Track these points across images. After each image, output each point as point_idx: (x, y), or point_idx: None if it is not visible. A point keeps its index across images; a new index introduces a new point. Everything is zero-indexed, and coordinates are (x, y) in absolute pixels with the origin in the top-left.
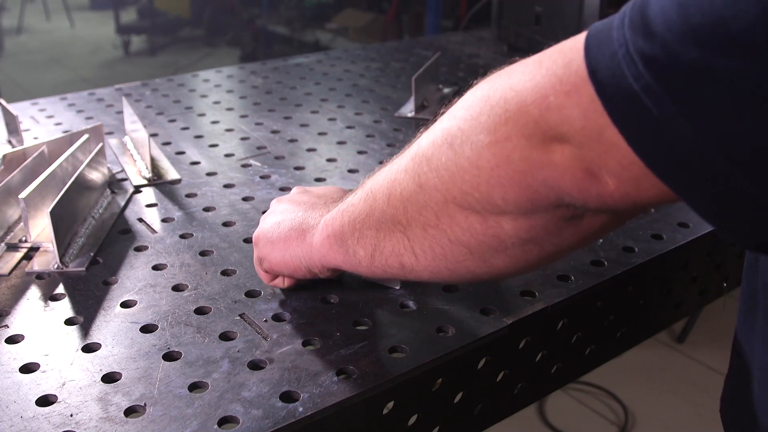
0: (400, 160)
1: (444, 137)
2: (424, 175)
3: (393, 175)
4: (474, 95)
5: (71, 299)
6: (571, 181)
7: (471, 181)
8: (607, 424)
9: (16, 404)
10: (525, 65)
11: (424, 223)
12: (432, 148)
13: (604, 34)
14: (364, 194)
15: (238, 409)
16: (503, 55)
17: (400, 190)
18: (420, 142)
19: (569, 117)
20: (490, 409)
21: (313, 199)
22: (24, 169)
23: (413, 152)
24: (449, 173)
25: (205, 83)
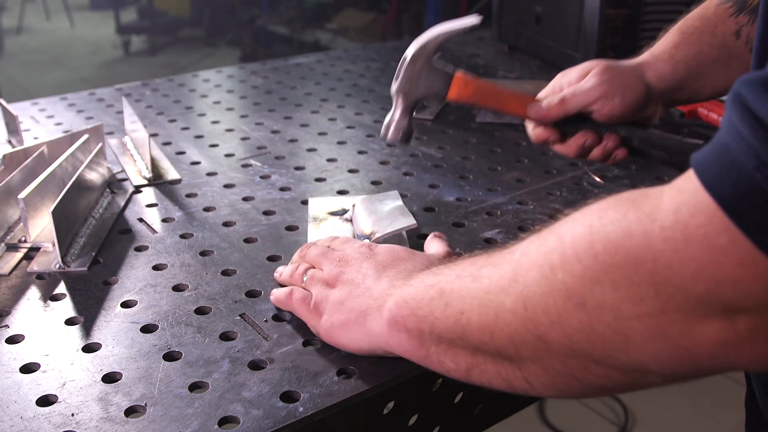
0: (497, 292)
1: (567, 295)
2: (542, 327)
3: (494, 310)
4: (595, 247)
5: (71, 299)
6: (753, 355)
7: (615, 347)
8: (607, 424)
9: (16, 404)
10: (660, 223)
11: (545, 367)
12: (550, 301)
13: (736, 182)
14: (448, 311)
15: (238, 409)
16: (503, 55)
17: (509, 333)
18: (526, 282)
19: (748, 291)
20: (490, 409)
21: (378, 271)
22: (24, 169)
23: (519, 292)
24: (583, 336)
25: (206, 83)
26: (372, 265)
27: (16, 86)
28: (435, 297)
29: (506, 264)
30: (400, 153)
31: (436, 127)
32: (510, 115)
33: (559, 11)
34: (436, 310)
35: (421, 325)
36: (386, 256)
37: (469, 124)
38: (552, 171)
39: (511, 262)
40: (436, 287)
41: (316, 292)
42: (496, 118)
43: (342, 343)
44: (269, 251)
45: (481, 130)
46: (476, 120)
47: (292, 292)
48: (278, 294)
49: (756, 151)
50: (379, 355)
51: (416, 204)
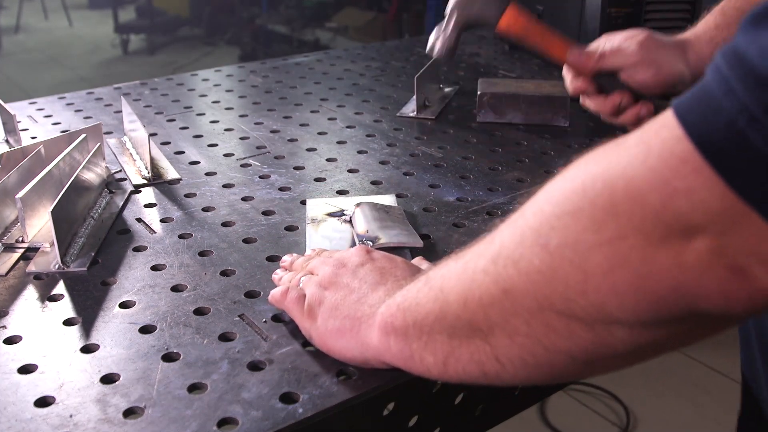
0: (475, 258)
1: (534, 237)
2: (510, 279)
3: (469, 276)
4: (563, 186)
5: (70, 300)
6: (712, 284)
7: (575, 287)
8: (608, 425)
9: (14, 405)
10: (624, 147)
11: (511, 332)
12: (519, 249)
13: (705, 106)
14: (431, 293)
15: (237, 410)
16: (504, 55)
17: (480, 294)
18: (501, 241)
19: (702, 201)
20: (491, 410)
21: (375, 277)
22: (20, 169)
23: (494, 251)
24: (545, 278)
25: (205, 82)
26: (369, 270)
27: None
28: (421, 286)
29: (488, 236)
30: (400, 153)
31: (437, 127)
32: (550, 58)
33: (560, 10)
34: (420, 295)
35: (406, 318)
36: (385, 263)
37: (469, 124)
38: (552, 171)
39: (492, 234)
40: (423, 278)
41: (310, 294)
42: (497, 118)
43: (335, 350)
44: (268, 251)
45: (482, 130)
46: (476, 120)
47: (287, 291)
48: (275, 292)
49: (739, 98)
50: (372, 366)
51: (416, 204)
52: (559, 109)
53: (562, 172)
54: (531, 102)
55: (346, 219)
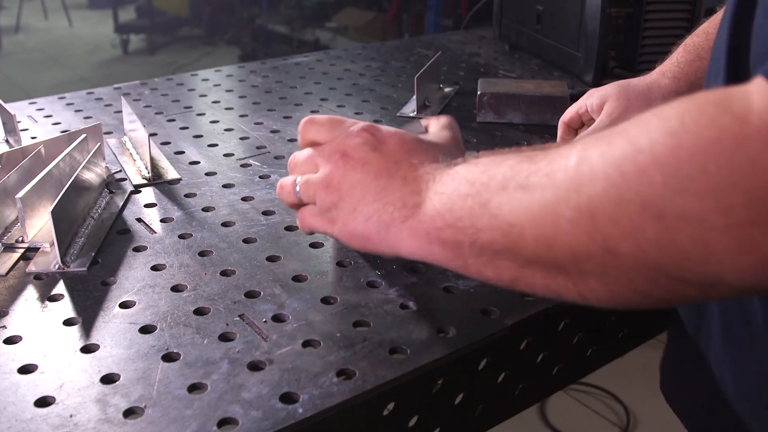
0: (552, 197)
1: (642, 205)
2: (613, 240)
3: (550, 219)
4: (677, 154)
5: (70, 300)
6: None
7: (696, 260)
8: (608, 425)
9: (14, 405)
10: (741, 119)
11: (607, 281)
12: (621, 212)
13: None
14: (495, 222)
15: (237, 410)
16: (504, 54)
17: (571, 245)
18: (590, 193)
19: None
20: (491, 410)
21: (390, 168)
22: (20, 169)
23: (579, 202)
24: (660, 249)
25: (205, 82)
26: (379, 158)
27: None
28: (476, 208)
29: (560, 172)
30: None
31: None
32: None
33: (561, 10)
34: (480, 222)
35: (459, 237)
36: (394, 145)
37: (469, 124)
38: None
39: (566, 170)
40: (477, 198)
41: (320, 201)
42: (497, 118)
43: (363, 250)
44: (268, 251)
45: (482, 130)
46: (476, 120)
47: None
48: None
49: None
50: (403, 258)
51: None
52: (559, 109)
53: (665, 121)
54: (531, 102)
55: None
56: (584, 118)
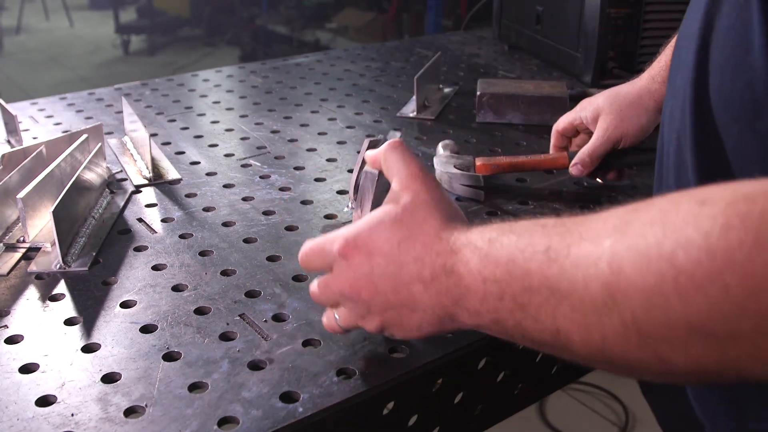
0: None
1: (689, 326)
2: (664, 353)
3: (595, 326)
4: (713, 278)
5: (71, 299)
6: None
7: (753, 369)
8: (607, 424)
9: (15, 405)
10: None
11: (668, 379)
12: (668, 332)
13: None
14: (530, 318)
15: (237, 409)
16: (504, 55)
17: (622, 353)
18: (628, 303)
19: None
20: (490, 409)
21: (393, 284)
22: (22, 169)
23: (625, 316)
24: (715, 361)
25: (205, 83)
26: (383, 276)
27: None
28: (516, 311)
29: (594, 281)
30: None
31: (437, 127)
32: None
33: (560, 10)
34: (525, 323)
35: (509, 332)
36: (385, 251)
37: (469, 124)
38: (552, 171)
39: (599, 278)
40: (513, 300)
41: (368, 327)
42: (496, 118)
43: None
44: (269, 251)
45: (481, 130)
46: (476, 120)
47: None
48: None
49: None
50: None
51: None
52: (559, 110)
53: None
54: (530, 102)
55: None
56: (579, 128)
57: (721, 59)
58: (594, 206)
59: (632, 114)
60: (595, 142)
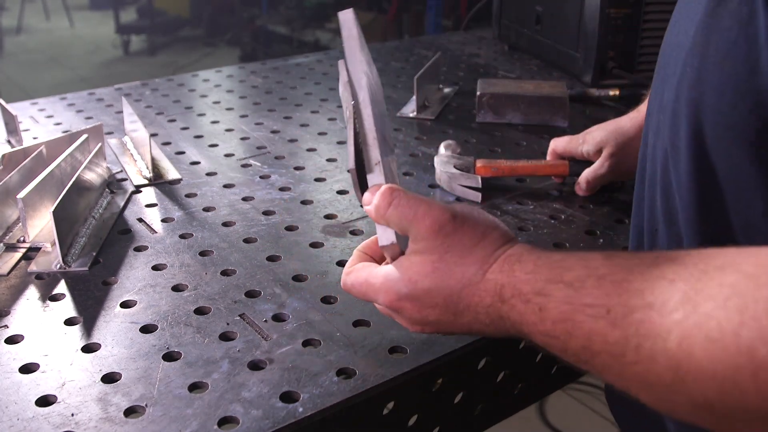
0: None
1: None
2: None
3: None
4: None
5: (71, 299)
6: None
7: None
8: (607, 424)
9: (16, 404)
10: None
11: None
12: (743, 416)
13: None
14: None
15: (238, 409)
16: (503, 55)
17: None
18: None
19: None
20: (490, 409)
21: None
22: (22, 169)
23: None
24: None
25: (205, 83)
26: (437, 324)
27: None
28: (579, 362)
29: (661, 356)
30: (400, 153)
31: (436, 127)
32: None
33: (560, 11)
34: (592, 370)
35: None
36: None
37: (469, 124)
38: None
39: (669, 353)
40: (573, 354)
41: (411, 329)
42: (496, 118)
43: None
44: (269, 251)
45: (481, 130)
46: (476, 120)
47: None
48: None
49: None
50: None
51: None
52: (559, 110)
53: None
54: (530, 102)
55: None
56: (576, 158)
57: (721, 78)
58: (592, 206)
59: (639, 146)
60: (598, 170)
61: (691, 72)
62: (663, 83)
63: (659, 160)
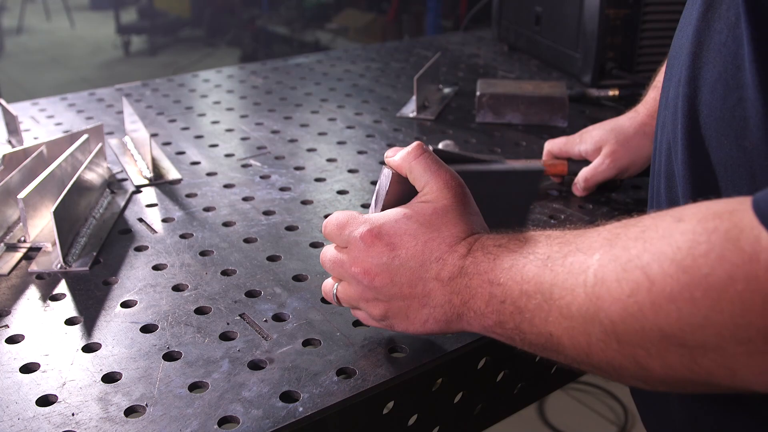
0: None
1: (662, 334)
2: (642, 358)
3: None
4: (681, 290)
5: (71, 299)
6: None
7: (722, 376)
8: (606, 423)
9: (16, 404)
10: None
11: (647, 383)
12: (645, 338)
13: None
14: (527, 322)
15: (238, 409)
16: (503, 55)
17: (606, 357)
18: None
19: None
20: (490, 408)
21: (410, 274)
22: (23, 170)
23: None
24: (687, 369)
25: (206, 83)
26: (401, 267)
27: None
28: (515, 315)
29: (580, 288)
30: None
31: (436, 127)
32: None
33: (559, 11)
34: (523, 326)
35: (509, 334)
36: (410, 245)
37: (469, 124)
38: None
39: (585, 287)
40: (513, 304)
41: (369, 311)
42: (496, 119)
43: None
44: (269, 251)
45: (481, 130)
46: (476, 120)
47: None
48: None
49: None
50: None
51: None
52: (558, 110)
53: (674, 249)
54: (530, 103)
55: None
56: (573, 158)
57: (713, 75)
58: (591, 206)
59: (639, 144)
60: (598, 167)
61: (688, 71)
62: (668, 82)
63: (664, 153)
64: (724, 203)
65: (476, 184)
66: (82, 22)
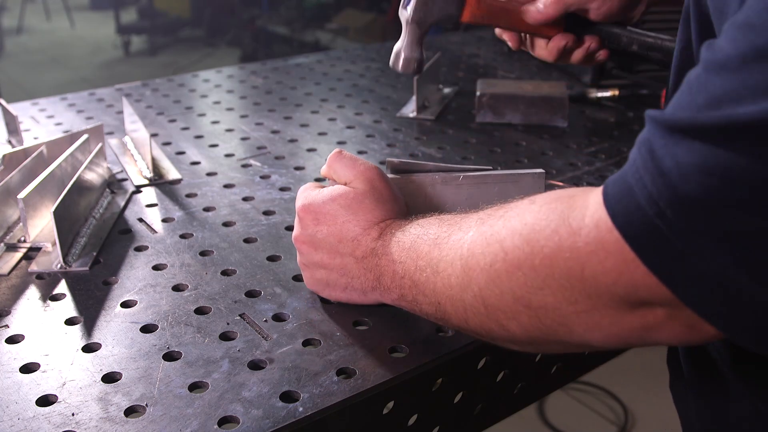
0: (453, 279)
1: (514, 297)
2: (504, 321)
3: (459, 302)
4: (525, 258)
5: (71, 299)
6: (670, 334)
7: (564, 334)
8: (606, 423)
9: (16, 404)
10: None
11: (516, 344)
12: (503, 301)
13: (627, 201)
14: (421, 295)
15: (238, 409)
16: (503, 55)
17: (479, 322)
18: (477, 282)
19: (646, 286)
20: (490, 408)
21: (330, 251)
22: (23, 170)
23: (475, 292)
24: (536, 328)
25: (206, 83)
26: (323, 241)
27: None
28: (412, 288)
29: (458, 261)
30: (400, 153)
31: (436, 127)
32: (521, 31)
33: None
34: (419, 298)
35: (411, 306)
36: (327, 223)
37: (469, 124)
38: (551, 171)
39: (462, 260)
40: (410, 278)
41: (304, 275)
42: (496, 119)
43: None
44: (269, 251)
45: (481, 130)
46: (476, 120)
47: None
48: None
49: (655, 200)
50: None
51: None
52: (558, 110)
53: (524, 226)
54: (530, 103)
55: None
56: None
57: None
58: None
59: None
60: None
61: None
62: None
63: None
64: (571, 190)
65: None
66: (82, 22)
